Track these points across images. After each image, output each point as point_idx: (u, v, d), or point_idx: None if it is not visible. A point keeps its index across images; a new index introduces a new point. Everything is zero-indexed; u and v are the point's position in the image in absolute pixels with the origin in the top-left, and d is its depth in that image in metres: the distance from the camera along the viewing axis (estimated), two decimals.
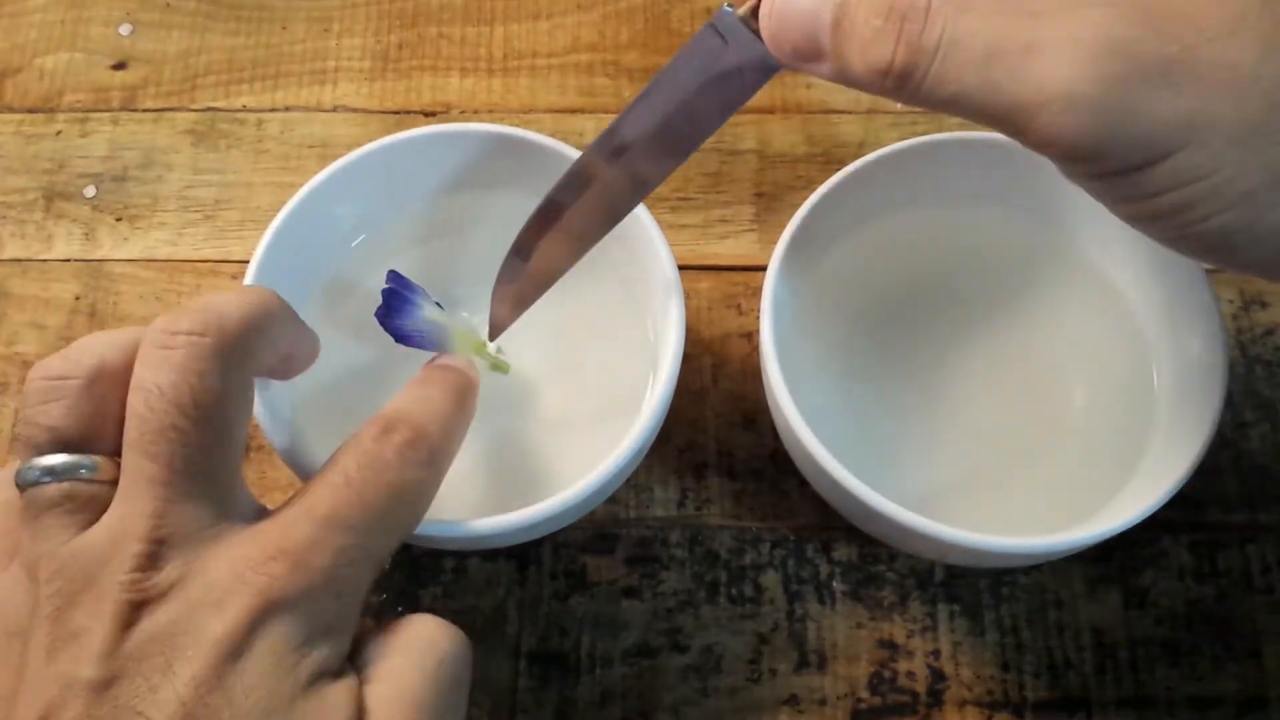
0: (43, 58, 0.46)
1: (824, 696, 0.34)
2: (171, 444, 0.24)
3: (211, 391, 0.24)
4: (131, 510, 0.24)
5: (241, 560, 0.24)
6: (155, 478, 0.24)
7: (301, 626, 0.24)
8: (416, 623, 0.26)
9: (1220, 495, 0.37)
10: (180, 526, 0.24)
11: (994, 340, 0.37)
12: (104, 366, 0.25)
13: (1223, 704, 0.34)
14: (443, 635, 0.26)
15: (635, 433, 0.31)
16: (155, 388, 0.24)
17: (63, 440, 0.25)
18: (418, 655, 0.26)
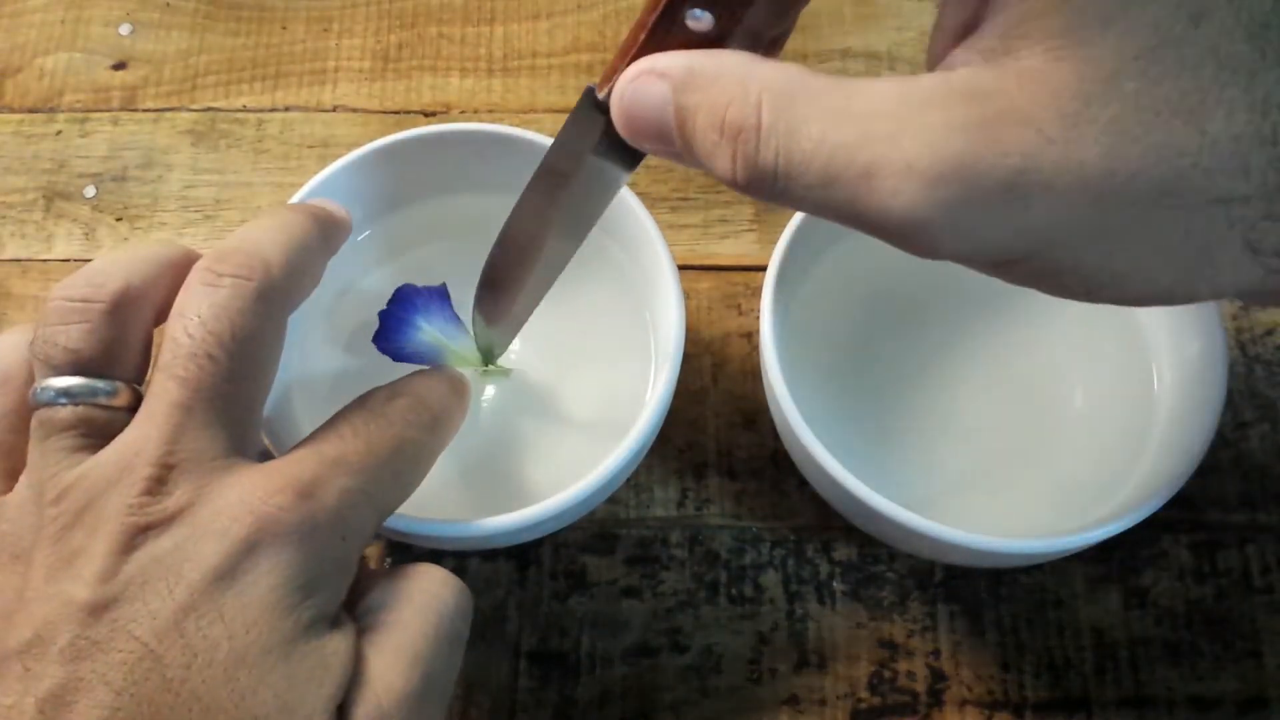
0: (43, 58, 0.46)
1: (824, 696, 0.34)
2: (202, 370, 0.24)
3: (249, 330, 0.25)
4: (147, 433, 0.24)
5: (250, 490, 0.24)
6: (178, 401, 0.24)
7: (305, 564, 0.23)
8: (421, 573, 0.26)
9: (1220, 495, 0.37)
10: (193, 454, 0.24)
11: (994, 340, 0.37)
12: (128, 291, 0.25)
13: (1222, 704, 0.34)
14: (446, 589, 0.26)
15: (635, 433, 0.31)
16: (196, 316, 0.24)
17: (81, 363, 0.25)
18: (420, 608, 0.25)
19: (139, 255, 0.26)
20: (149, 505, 0.23)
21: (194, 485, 0.23)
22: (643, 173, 0.42)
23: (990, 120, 0.21)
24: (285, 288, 0.26)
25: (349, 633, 0.24)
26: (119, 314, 0.25)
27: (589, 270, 0.37)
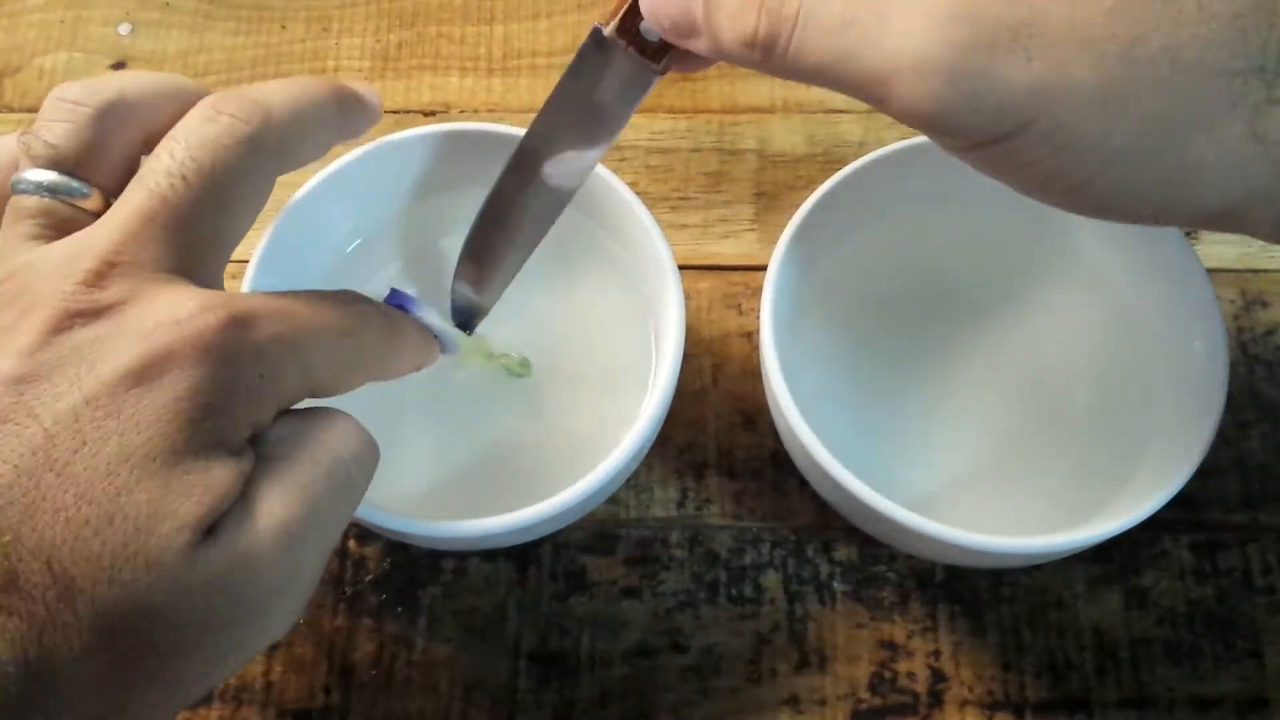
0: (42, 57, 0.46)
1: (824, 697, 0.34)
2: (174, 189, 0.25)
3: (231, 169, 0.25)
4: (101, 232, 0.24)
5: (183, 301, 0.24)
6: (141, 210, 0.24)
7: (214, 385, 0.23)
8: (325, 416, 0.26)
9: (1221, 495, 0.37)
10: (140, 260, 0.24)
11: (994, 340, 0.37)
12: (120, 101, 0.26)
13: (1223, 704, 0.34)
14: (348, 432, 0.26)
15: (635, 433, 0.31)
16: (184, 141, 0.25)
17: (59, 160, 0.25)
18: (318, 446, 0.25)
19: (146, 77, 0.27)
20: (83, 294, 0.23)
21: (132, 287, 0.24)
22: (643, 172, 0.42)
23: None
24: (280, 143, 0.27)
25: (243, 462, 0.24)
26: (105, 121, 0.26)
27: (589, 269, 0.37)
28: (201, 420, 0.23)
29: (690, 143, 0.43)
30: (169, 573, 0.22)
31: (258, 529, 0.23)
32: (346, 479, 0.26)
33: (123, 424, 0.22)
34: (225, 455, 0.24)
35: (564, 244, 0.37)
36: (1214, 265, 0.39)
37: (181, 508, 0.22)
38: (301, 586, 0.25)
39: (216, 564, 0.23)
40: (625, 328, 0.36)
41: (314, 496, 0.25)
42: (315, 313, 0.26)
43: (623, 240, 0.36)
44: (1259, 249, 0.41)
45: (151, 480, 0.22)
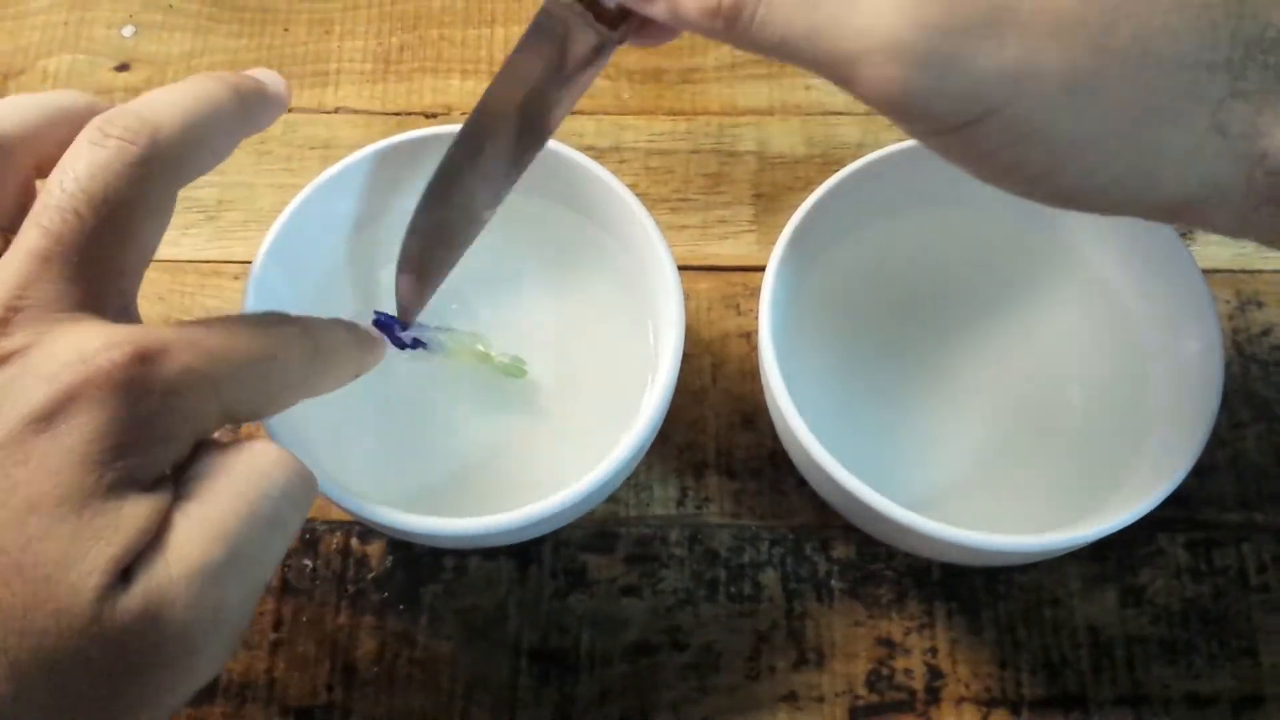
0: (46, 59, 0.46)
1: (822, 694, 0.34)
2: (66, 224, 0.24)
3: (124, 194, 0.24)
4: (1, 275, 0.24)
5: (88, 340, 0.23)
6: (37, 250, 0.24)
7: (124, 424, 0.23)
8: (250, 449, 0.25)
9: (1216, 494, 0.37)
10: (43, 302, 0.23)
11: (992, 340, 0.37)
12: (4, 138, 0.25)
13: (1218, 702, 0.34)
14: (275, 467, 0.25)
15: (635, 433, 0.32)
16: (72, 173, 0.24)
17: None
18: (241, 482, 0.24)
19: (29, 103, 0.26)
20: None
21: (36, 330, 0.23)
22: (643, 174, 0.43)
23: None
24: (175, 158, 0.25)
25: (160, 500, 0.23)
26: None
27: (589, 270, 0.37)
28: (112, 460, 0.22)
29: (689, 144, 0.43)
30: (80, 620, 0.22)
31: (171, 571, 0.23)
32: (273, 515, 0.24)
33: (30, 471, 0.22)
34: (138, 494, 0.23)
35: (564, 244, 0.38)
36: (1209, 266, 0.39)
37: (91, 552, 0.22)
38: (227, 629, 0.24)
39: (129, 609, 0.22)
40: (625, 328, 0.36)
41: (235, 535, 0.23)
42: (229, 341, 0.25)
43: (623, 241, 0.36)
44: (1254, 250, 0.41)
45: (61, 526, 0.22)
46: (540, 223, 0.38)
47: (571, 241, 0.37)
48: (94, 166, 0.24)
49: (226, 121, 0.27)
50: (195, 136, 0.26)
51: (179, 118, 0.26)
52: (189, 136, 0.26)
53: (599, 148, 0.43)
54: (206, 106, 0.26)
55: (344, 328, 0.29)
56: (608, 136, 0.43)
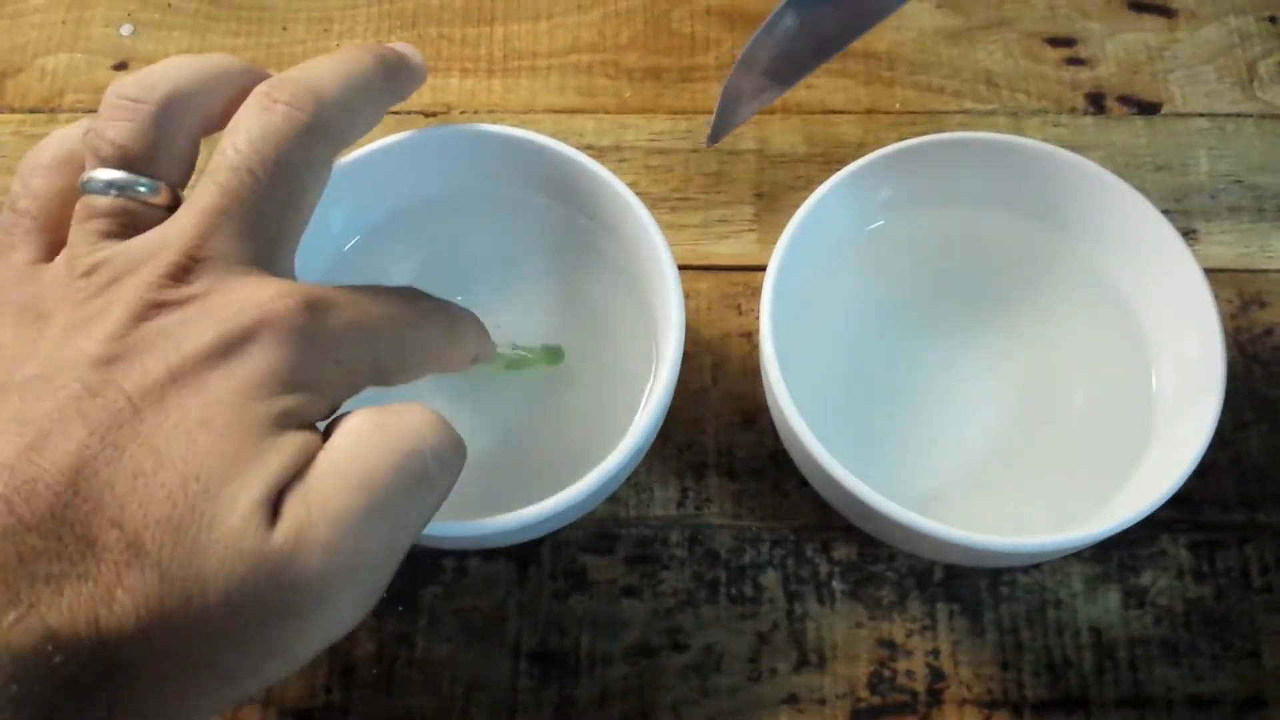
0: (44, 58, 0.46)
1: (823, 696, 0.34)
2: (243, 184, 0.26)
3: (293, 157, 0.26)
4: (181, 225, 0.25)
5: (263, 289, 0.25)
6: (215, 205, 0.25)
7: (293, 364, 0.24)
8: (405, 407, 0.26)
9: (1219, 495, 0.37)
10: (220, 253, 0.25)
11: (993, 340, 0.37)
12: (177, 94, 0.27)
13: (1221, 703, 0.34)
14: (428, 425, 0.26)
15: (635, 433, 0.32)
16: (246, 134, 0.26)
17: (126, 159, 0.26)
18: (392, 436, 0.25)
19: (196, 65, 0.28)
20: (167, 287, 0.24)
21: (214, 279, 0.25)
22: (643, 173, 0.43)
23: None
24: (335, 125, 0.27)
25: (312, 440, 0.24)
26: (165, 117, 0.26)
27: (589, 269, 0.37)
28: (279, 395, 0.24)
29: (690, 143, 0.43)
30: (225, 538, 0.22)
31: (313, 512, 0.23)
32: (421, 473, 0.25)
33: (205, 398, 0.23)
34: (297, 430, 0.24)
35: (564, 244, 0.37)
36: (1212, 265, 0.39)
37: (249, 473, 0.23)
38: (362, 581, 0.24)
39: (271, 539, 0.23)
40: (625, 328, 0.36)
41: (380, 487, 0.24)
42: (384, 304, 0.27)
43: (623, 240, 0.36)
44: (1257, 249, 0.41)
45: (227, 445, 0.23)
46: (540, 221, 0.37)
47: (571, 241, 0.37)
48: (267, 131, 0.26)
49: (376, 91, 0.29)
50: (352, 105, 0.28)
51: (340, 87, 0.27)
52: (346, 106, 0.28)
53: (599, 146, 0.43)
54: (360, 77, 0.28)
55: (468, 312, 0.30)
56: (608, 135, 0.43)
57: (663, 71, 0.45)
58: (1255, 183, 0.42)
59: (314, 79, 0.27)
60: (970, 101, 0.44)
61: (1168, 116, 0.44)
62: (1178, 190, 0.42)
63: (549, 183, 0.36)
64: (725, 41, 0.45)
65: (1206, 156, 0.43)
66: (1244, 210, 0.42)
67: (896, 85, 0.44)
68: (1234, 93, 0.44)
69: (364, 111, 0.29)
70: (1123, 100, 0.44)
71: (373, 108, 0.29)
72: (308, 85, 0.27)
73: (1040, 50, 0.45)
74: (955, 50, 0.45)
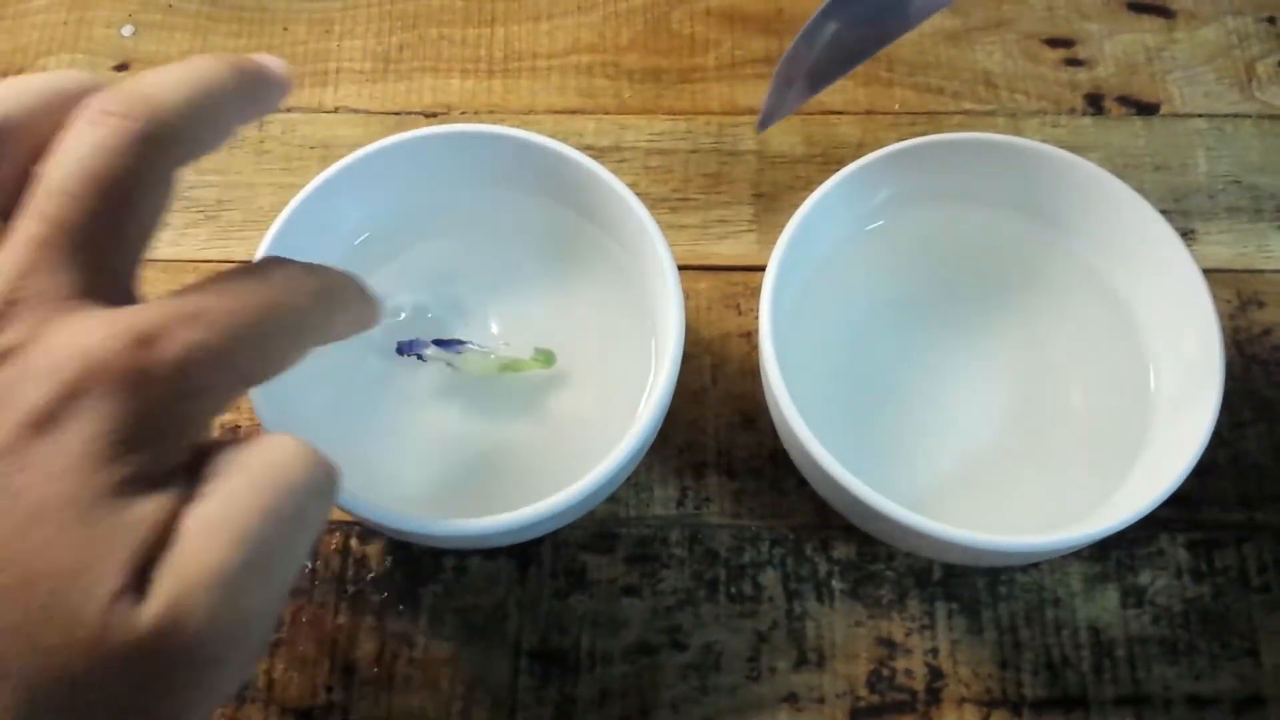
0: (45, 59, 0.46)
1: (823, 694, 0.34)
2: (64, 209, 0.23)
3: (123, 174, 0.23)
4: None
5: (86, 332, 0.22)
6: (34, 237, 0.23)
7: (130, 416, 0.22)
8: (268, 442, 0.24)
9: (1217, 494, 0.37)
10: (41, 292, 0.22)
11: (992, 340, 0.37)
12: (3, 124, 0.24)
13: (1220, 702, 0.34)
14: (295, 459, 0.23)
15: (635, 432, 0.32)
16: (68, 155, 0.23)
17: None
18: (259, 478, 0.23)
19: (26, 86, 0.25)
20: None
21: (33, 323, 0.22)
22: (642, 173, 0.43)
23: None
24: (175, 135, 0.24)
25: (168, 499, 0.22)
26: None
27: (589, 269, 0.37)
28: (120, 456, 0.21)
29: (689, 144, 0.43)
30: (91, 634, 0.20)
31: (188, 578, 0.21)
32: (295, 513, 0.23)
33: (33, 477, 0.21)
34: (149, 493, 0.22)
35: (564, 244, 0.38)
36: (1210, 265, 0.39)
37: (107, 556, 0.21)
38: (251, 637, 0.23)
39: (144, 620, 0.21)
40: (625, 328, 0.36)
41: (256, 536, 0.22)
42: (231, 300, 0.24)
43: (622, 240, 0.36)
44: (1255, 249, 0.41)
45: (67, 534, 0.21)
46: (540, 222, 0.38)
47: (571, 241, 0.37)
48: (91, 146, 0.23)
49: (228, 98, 0.26)
50: (196, 113, 0.25)
51: (180, 94, 0.25)
52: (190, 113, 0.25)
53: (599, 147, 0.43)
54: (207, 83, 0.25)
55: (343, 271, 0.28)
56: (608, 136, 0.43)
57: (662, 72, 0.45)
58: (1253, 183, 0.42)
59: (150, 87, 0.25)
60: (969, 102, 0.44)
61: (1166, 117, 0.44)
62: (1176, 190, 0.42)
63: (549, 183, 0.36)
64: (725, 42, 0.46)
65: (1205, 157, 0.43)
66: (1242, 211, 0.42)
67: (895, 86, 0.45)
68: (1232, 93, 0.44)
69: (211, 120, 0.26)
70: (1121, 101, 0.44)
71: (223, 117, 0.26)
72: (142, 93, 0.24)
73: (1039, 51, 0.45)
74: (954, 51, 0.45)
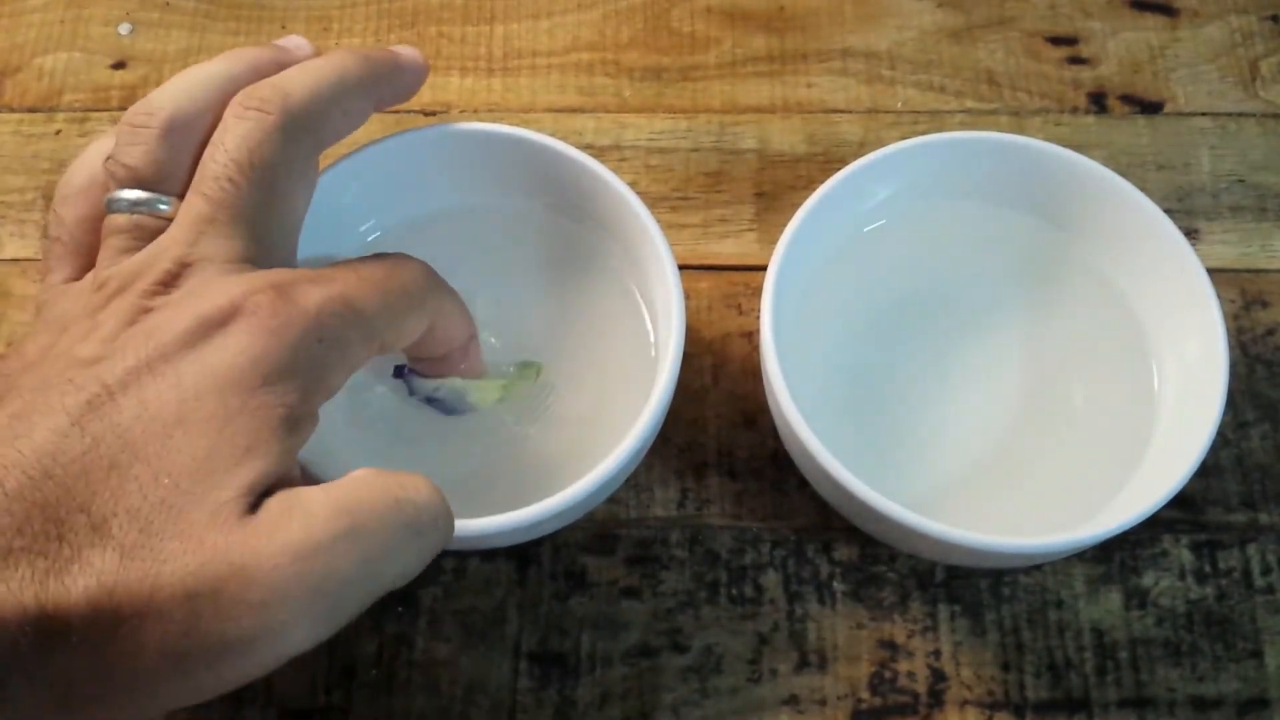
0: (42, 57, 0.46)
1: (824, 697, 0.34)
2: (224, 191, 0.27)
3: (268, 159, 0.28)
4: (172, 236, 0.27)
5: (239, 284, 0.26)
6: (201, 213, 0.27)
7: (268, 353, 0.25)
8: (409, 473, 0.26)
9: (1221, 495, 0.37)
10: (208, 256, 0.27)
11: (994, 340, 0.37)
12: (177, 116, 0.28)
13: (1223, 704, 0.34)
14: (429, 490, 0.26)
15: (635, 433, 0.31)
16: (222, 145, 0.28)
17: (140, 179, 0.28)
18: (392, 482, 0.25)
19: (191, 83, 0.29)
20: (160, 293, 0.26)
21: (201, 280, 0.26)
22: (643, 172, 0.42)
23: None
24: (307, 121, 0.29)
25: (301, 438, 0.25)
26: (170, 138, 0.28)
27: (589, 269, 0.37)
28: (259, 386, 0.24)
29: (690, 142, 0.43)
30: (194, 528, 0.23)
31: (292, 517, 0.23)
32: (412, 519, 0.25)
33: (181, 390, 0.24)
34: (285, 428, 0.24)
35: (564, 244, 0.37)
36: (1214, 265, 0.39)
37: (222, 472, 0.23)
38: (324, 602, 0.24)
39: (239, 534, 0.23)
40: (625, 328, 0.36)
41: (366, 514, 0.24)
42: (355, 272, 0.28)
43: (623, 240, 0.36)
44: (1259, 249, 0.41)
45: (200, 443, 0.23)
46: (540, 222, 0.37)
47: (571, 241, 0.37)
48: (239, 137, 0.28)
49: (356, 88, 0.30)
50: (324, 101, 0.29)
51: (308, 85, 0.29)
52: (317, 102, 0.29)
53: (599, 146, 0.43)
54: (334, 73, 0.30)
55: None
56: (608, 134, 0.43)
57: (663, 70, 0.45)
58: (1257, 182, 0.42)
59: (284, 81, 0.29)
60: (971, 101, 0.44)
61: (1170, 116, 0.44)
62: (1180, 190, 0.42)
63: (549, 182, 0.36)
64: (725, 40, 0.45)
65: (1208, 156, 0.43)
66: (1246, 210, 0.42)
67: (898, 84, 0.44)
68: (1236, 92, 0.44)
69: (340, 107, 0.30)
70: (1124, 99, 0.44)
71: (354, 103, 0.30)
72: (276, 88, 0.28)
73: (1042, 49, 0.45)
74: (957, 49, 0.45)
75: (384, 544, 0.25)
